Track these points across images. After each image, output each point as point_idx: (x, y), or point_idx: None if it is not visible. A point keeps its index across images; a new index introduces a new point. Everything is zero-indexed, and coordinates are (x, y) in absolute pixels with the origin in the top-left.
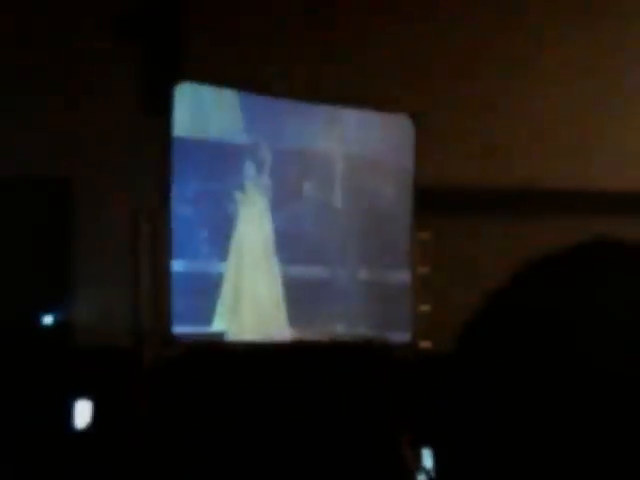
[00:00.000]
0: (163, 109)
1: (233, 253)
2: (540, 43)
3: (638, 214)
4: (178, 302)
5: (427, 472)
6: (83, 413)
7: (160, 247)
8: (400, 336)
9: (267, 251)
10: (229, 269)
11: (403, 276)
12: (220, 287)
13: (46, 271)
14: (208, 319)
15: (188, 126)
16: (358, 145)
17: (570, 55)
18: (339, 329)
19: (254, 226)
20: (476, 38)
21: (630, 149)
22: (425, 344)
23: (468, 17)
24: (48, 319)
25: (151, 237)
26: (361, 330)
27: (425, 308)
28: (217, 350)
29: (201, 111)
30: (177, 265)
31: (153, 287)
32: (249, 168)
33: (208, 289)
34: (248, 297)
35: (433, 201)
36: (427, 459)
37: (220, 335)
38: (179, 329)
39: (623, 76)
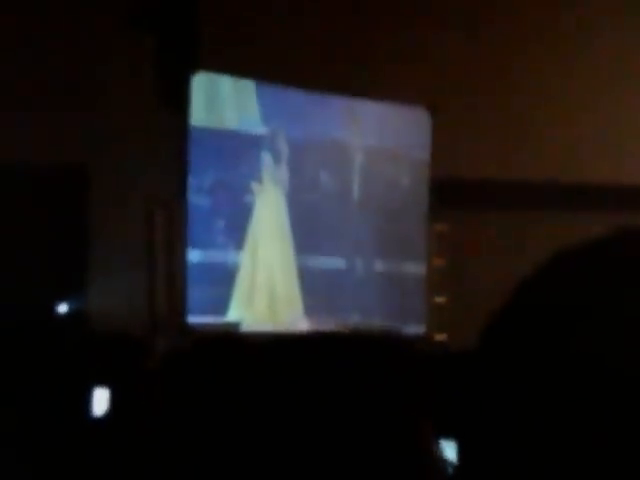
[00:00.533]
0: (180, 99)
1: (249, 243)
2: (564, 36)
3: None
4: (193, 292)
5: (450, 463)
6: (101, 401)
7: (176, 236)
8: (415, 328)
9: (283, 241)
10: (245, 259)
11: (418, 268)
12: (236, 277)
13: (62, 260)
14: (223, 309)
15: (205, 116)
16: (376, 137)
17: (595, 49)
18: (354, 320)
19: (270, 216)
20: (495, 34)
21: None
22: (440, 337)
23: (486, 14)
24: (64, 307)
25: (167, 226)
26: (376, 321)
27: (440, 300)
28: (232, 340)
29: (218, 101)
30: (193, 255)
31: (169, 276)
32: (266, 158)
33: (224, 279)
34: (264, 287)
35: (449, 194)
36: (446, 451)
37: (235, 325)
38: (194, 319)
39: None
